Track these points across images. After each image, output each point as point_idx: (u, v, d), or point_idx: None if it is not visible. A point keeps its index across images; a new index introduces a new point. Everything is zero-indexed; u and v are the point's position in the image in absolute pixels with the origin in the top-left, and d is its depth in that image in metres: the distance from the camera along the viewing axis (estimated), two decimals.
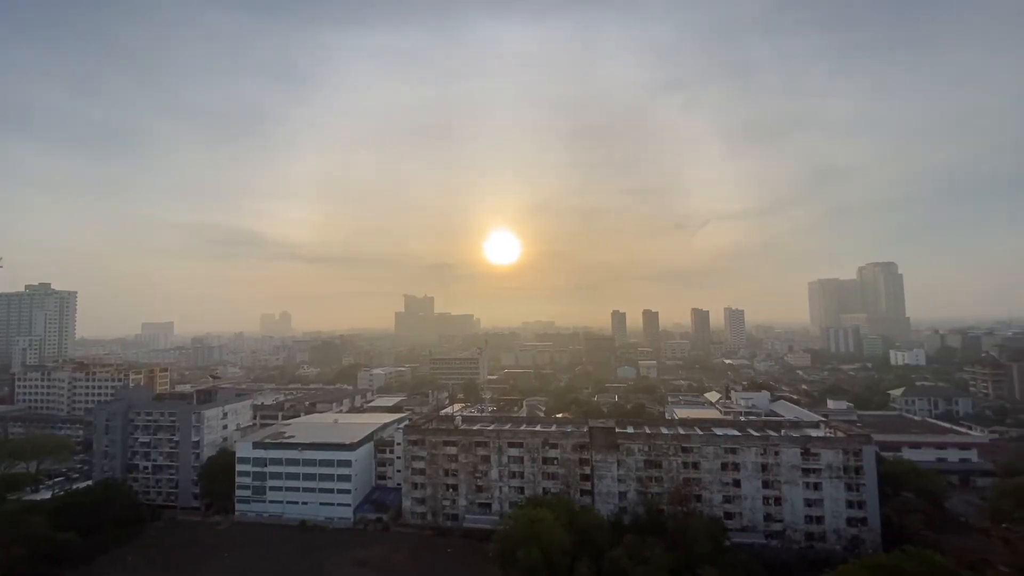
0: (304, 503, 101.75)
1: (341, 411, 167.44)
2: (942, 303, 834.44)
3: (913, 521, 78.73)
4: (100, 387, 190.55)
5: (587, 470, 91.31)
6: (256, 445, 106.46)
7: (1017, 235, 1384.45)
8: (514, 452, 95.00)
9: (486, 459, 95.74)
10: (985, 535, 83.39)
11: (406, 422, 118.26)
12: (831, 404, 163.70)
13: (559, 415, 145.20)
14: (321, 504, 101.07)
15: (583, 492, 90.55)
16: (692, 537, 71.26)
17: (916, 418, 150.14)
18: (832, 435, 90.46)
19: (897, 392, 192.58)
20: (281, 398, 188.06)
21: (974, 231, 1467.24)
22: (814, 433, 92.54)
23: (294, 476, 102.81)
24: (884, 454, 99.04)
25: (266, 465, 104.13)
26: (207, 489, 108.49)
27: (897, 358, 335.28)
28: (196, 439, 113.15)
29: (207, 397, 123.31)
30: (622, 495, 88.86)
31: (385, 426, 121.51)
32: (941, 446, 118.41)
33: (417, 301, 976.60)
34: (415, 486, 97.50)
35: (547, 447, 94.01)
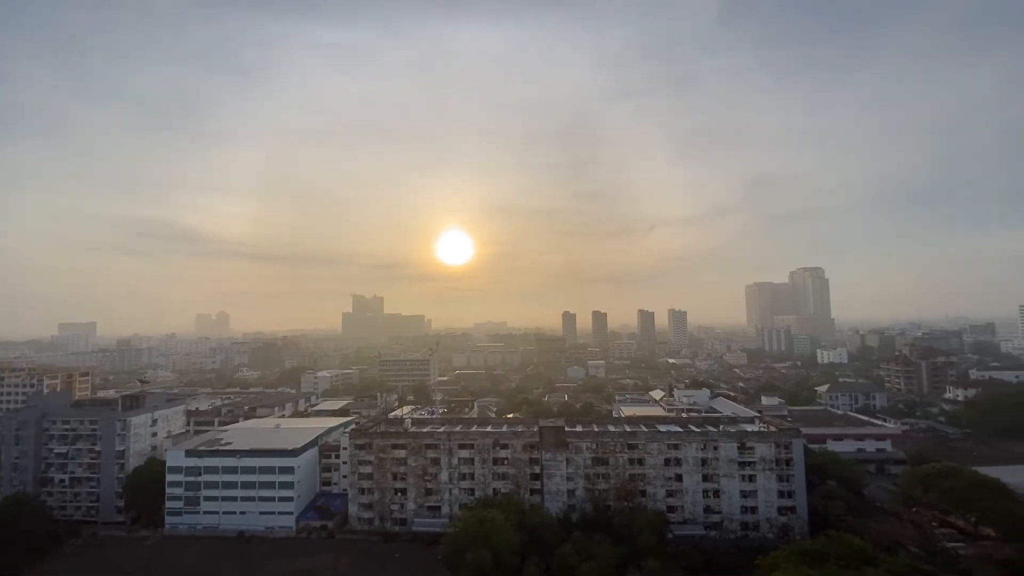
0: (242, 513, 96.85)
1: (283, 416, 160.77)
2: (863, 305, 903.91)
3: (836, 508, 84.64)
4: (9, 393, 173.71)
5: (537, 469, 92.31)
6: (189, 453, 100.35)
7: (929, 243, 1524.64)
8: (464, 454, 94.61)
9: (436, 461, 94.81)
10: (898, 519, 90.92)
11: (353, 426, 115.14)
12: (765, 400, 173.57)
13: (510, 416, 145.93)
14: (261, 513, 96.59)
15: (533, 491, 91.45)
16: (637, 531, 73.58)
17: (839, 412, 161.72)
18: (766, 430, 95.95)
19: (823, 388, 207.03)
20: (218, 403, 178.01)
21: (892, 239, 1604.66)
22: (749, 428, 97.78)
23: (232, 485, 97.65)
24: (811, 446, 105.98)
25: (200, 474, 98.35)
26: (133, 502, 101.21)
27: (823, 356, 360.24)
28: (121, 448, 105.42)
29: (134, 403, 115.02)
30: (571, 493, 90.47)
31: (330, 430, 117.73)
32: (860, 438, 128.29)
33: (365, 301, 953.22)
34: (362, 491, 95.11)
35: (498, 448, 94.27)
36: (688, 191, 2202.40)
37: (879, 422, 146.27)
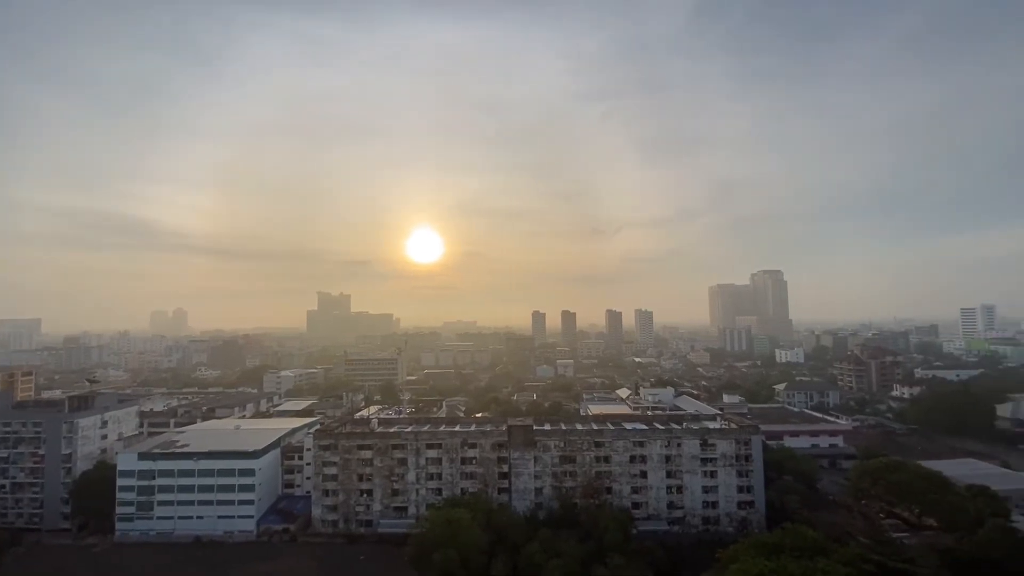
0: (199, 517, 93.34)
1: (244, 416, 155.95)
2: (819, 307, 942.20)
3: (791, 502, 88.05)
4: None
5: (505, 468, 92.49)
6: (143, 456, 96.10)
7: (879, 249, 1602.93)
8: (432, 454, 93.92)
9: (403, 462, 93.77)
10: (848, 511, 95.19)
11: (317, 426, 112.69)
12: (726, 398, 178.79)
13: (479, 415, 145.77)
14: (220, 517, 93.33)
15: (501, 490, 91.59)
16: (603, 528, 74.65)
17: (795, 409, 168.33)
18: (727, 427, 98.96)
19: (780, 387, 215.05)
20: (174, 403, 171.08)
21: (846, 244, 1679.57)
22: (712, 425, 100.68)
23: (188, 489, 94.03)
24: (769, 442, 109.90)
25: (154, 478, 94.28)
26: (80, 508, 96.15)
27: (781, 356, 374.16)
28: (67, 452, 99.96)
29: (82, 404, 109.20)
30: (538, 491, 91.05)
31: (294, 431, 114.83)
32: (815, 434, 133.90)
33: (332, 299, 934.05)
34: (326, 493, 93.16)
35: (466, 447, 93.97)
36: (656, 194, 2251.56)
37: (832, 419, 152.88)
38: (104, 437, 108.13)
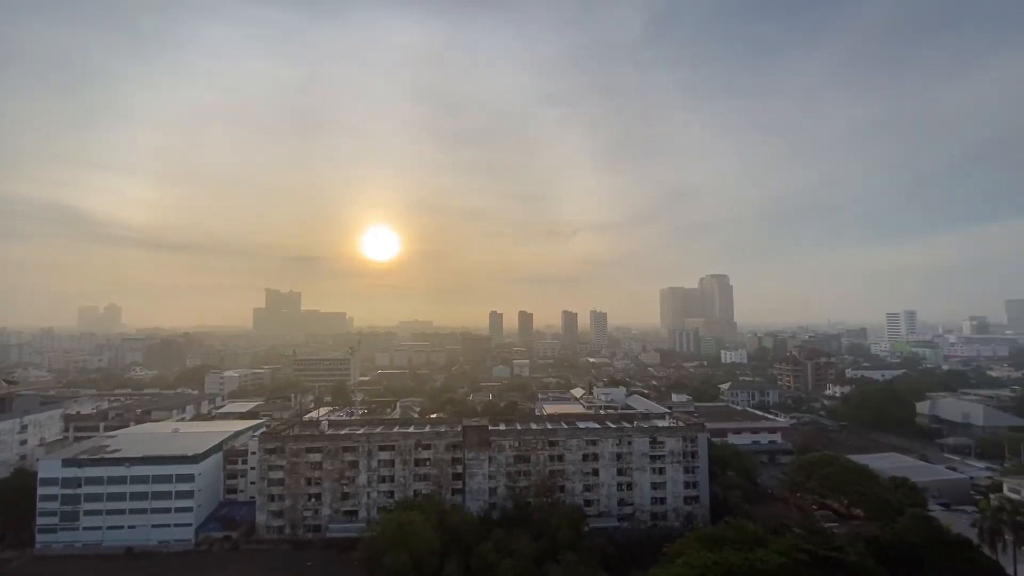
0: (131, 527, 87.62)
1: (183, 419, 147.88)
2: (762, 310, 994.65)
3: (734, 496, 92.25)
4: None
5: (459, 469, 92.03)
6: (67, 462, 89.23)
7: (817, 255, 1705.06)
8: (385, 456, 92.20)
9: (354, 464, 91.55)
10: (785, 503, 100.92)
11: (263, 429, 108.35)
12: (675, 397, 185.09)
13: (434, 416, 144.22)
14: (154, 526, 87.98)
15: (455, 491, 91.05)
16: (555, 526, 75.59)
17: (738, 408, 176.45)
18: (675, 425, 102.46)
19: (725, 386, 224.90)
20: (104, 406, 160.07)
21: (788, 251, 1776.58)
22: (661, 424, 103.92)
23: (119, 496, 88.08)
24: (714, 439, 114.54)
25: (80, 486, 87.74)
26: None
27: (726, 357, 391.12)
28: None
29: None
30: (492, 491, 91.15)
31: (237, 434, 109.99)
32: (756, 431, 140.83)
33: (281, 296, 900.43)
34: (271, 498, 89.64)
35: (420, 448, 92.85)
36: (611, 198, 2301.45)
37: (772, 417, 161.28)
38: (24, 442, 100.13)
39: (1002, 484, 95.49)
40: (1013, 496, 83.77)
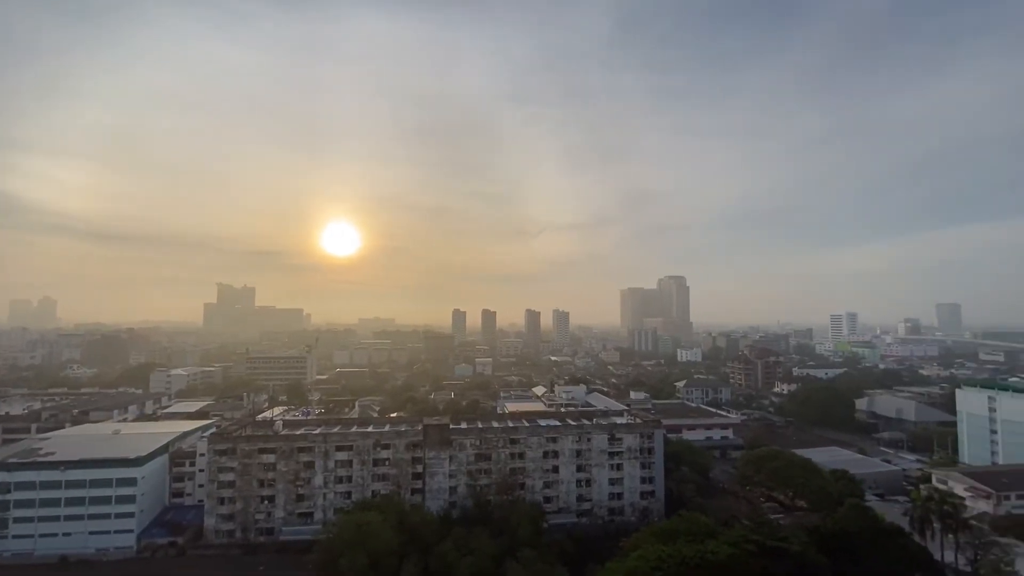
0: (66, 534, 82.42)
1: (125, 420, 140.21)
2: (717, 310, 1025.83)
3: (687, 490, 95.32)
4: None
5: (420, 468, 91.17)
6: None
7: (767, 258, 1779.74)
8: (342, 456, 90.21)
9: (310, 465, 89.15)
10: (735, 497, 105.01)
11: (213, 429, 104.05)
12: (633, 395, 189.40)
13: (394, 415, 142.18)
14: (91, 533, 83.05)
15: (414, 491, 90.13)
16: (515, 523, 76.01)
17: (693, 405, 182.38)
18: (633, 422, 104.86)
19: (681, 384, 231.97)
20: (37, 406, 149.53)
21: (740, 254, 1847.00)
22: (619, 421, 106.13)
23: (52, 502, 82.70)
24: (669, 436, 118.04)
25: (9, 491, 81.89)
26: None
27: (682, 356, 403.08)
28: None
29: None
30: (452, 490, 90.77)
31: (184, 435, 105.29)
32: (709, 427, 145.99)
33: (234, 292, 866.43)
34: (221, 501, 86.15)
35: (379, 448, 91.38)
36: (575, 199, 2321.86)
37: (724, 413, 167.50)
38: None
39: (931, 475, 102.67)
40: (940, 487, 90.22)
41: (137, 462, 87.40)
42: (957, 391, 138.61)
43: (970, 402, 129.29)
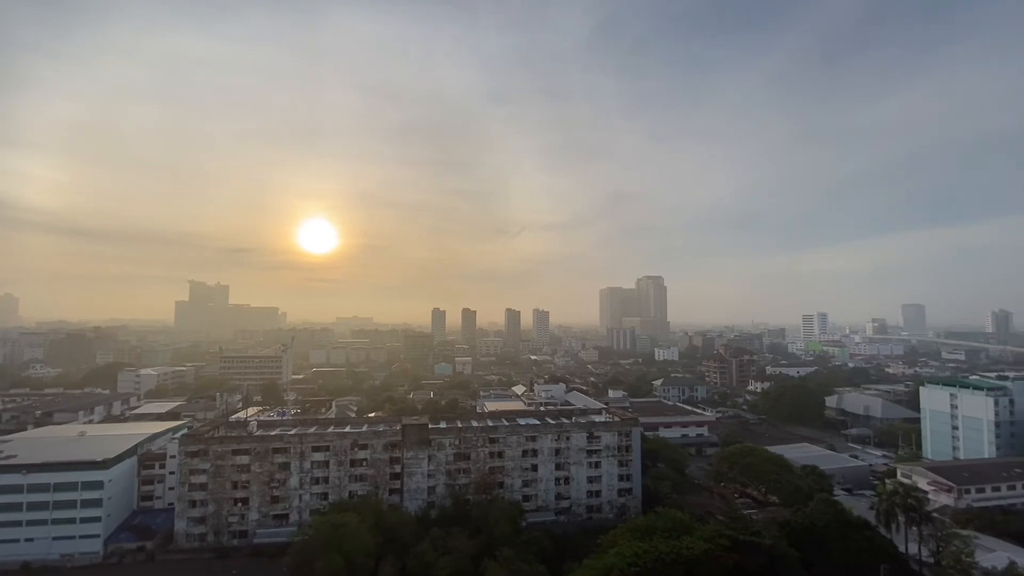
0: (29, 540, 79.29)
1: (91, 421, 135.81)
2: (693, 310, 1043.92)
3: (664, 487, 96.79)
4: None
5: (397, 469, 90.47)
6: None
7: (741, 259, 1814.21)
8: (319, 457, 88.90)
9: (285, 466, 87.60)
10: (710, 493, 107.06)
11: (184, 431, 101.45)
12: (611, 393, 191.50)
13: (372, 415, 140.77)
14: (56, 539, 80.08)
15: (392, 491, 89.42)
16: (494, 522, 76.05)
17: (670, 403, 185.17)
18: (611, 420, 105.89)
19: (658, 382, 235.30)
20: None
21: (715, 254, 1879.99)
22: (597, 419, 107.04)
23: (14, 507, 79.54)
24: (647, 433, 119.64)
25: None
26: None
27: (660, 354, 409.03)
28: None
29: None
30: (431, 490, 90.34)
31: (154, 437, 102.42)
32: (685, 425, 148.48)
33: (206, 289, 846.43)
34: (193, 504, 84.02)
35: (356, 449, 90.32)
36: (554, 199, 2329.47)
37: (700, 411, 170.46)
38: None
39: (896, 470, 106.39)
40: (905, 481, 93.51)
41: (104, 465, 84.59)
42: (921, 389, 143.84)
43: (933, 399, 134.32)
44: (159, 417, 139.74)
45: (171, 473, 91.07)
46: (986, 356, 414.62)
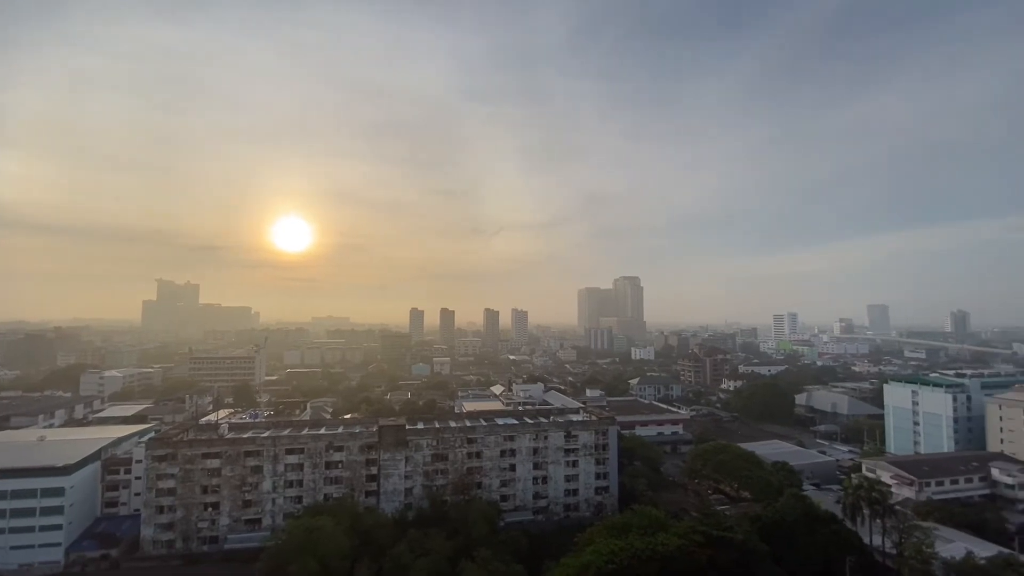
0: None
1: (52, 426, 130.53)
2: (669, 310, 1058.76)
3: (640, 485, 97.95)
4: None
5: (374, 470, 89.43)
6: None
7: (716, 261, 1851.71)
8: (293, 459, 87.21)
9: (258, 470, 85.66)
10: (684, 490, 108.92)
11: (152, 434, 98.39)
12: (589, 392, 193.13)
13: (348, 416, 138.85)
14: (13, 548, 76.72)
15: (368, 493, 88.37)
16: (471, 522, 75.85)
17: (646, 401, 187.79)
18: (588, 419, 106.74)
19: (634, 381, 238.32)
20: None
21: (691, 255, 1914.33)
22: (575, 418, 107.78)
23: None
24: (623, 432, 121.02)
25: None
26: None
27: (636, 354, 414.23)
28: None
29: None
30: (408, 491, 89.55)
31: (119, 441, 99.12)
32: (660, 423, 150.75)
33: (175, 288, 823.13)
34: (160, 509, 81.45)
35: (332, 451, 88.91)
36: (532, 199, 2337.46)
37: (675, 409, 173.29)
38: None
39: (861, 465, 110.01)
40: (870, 475, 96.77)
41: (65, 471, 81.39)
42: (885, 386, 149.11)
43: (895, 396, 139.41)
44: (125, 420, 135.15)
45: (137, 478, 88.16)
46: (945, 355, 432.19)
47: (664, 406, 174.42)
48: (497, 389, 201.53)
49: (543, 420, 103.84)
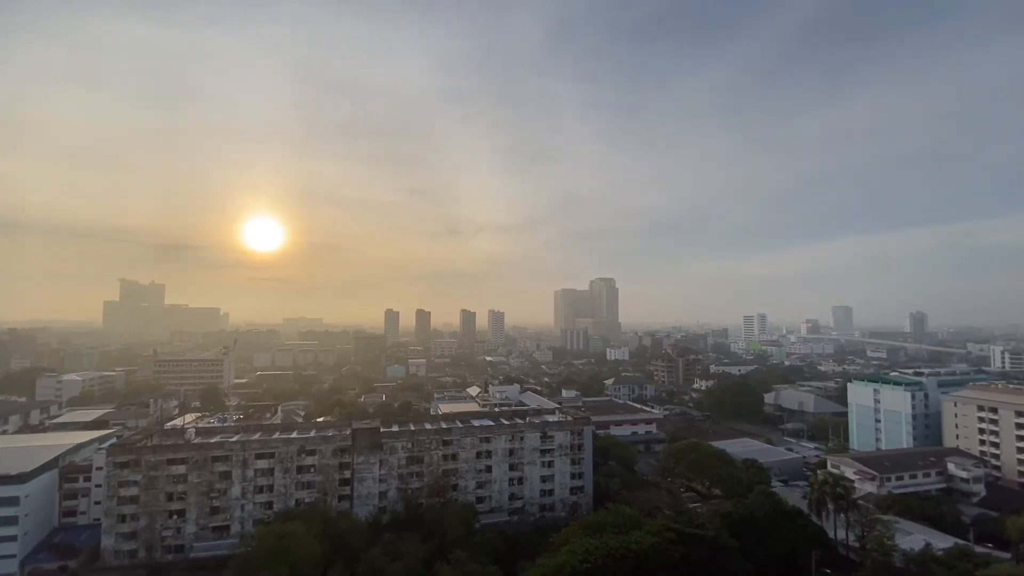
0: None
1: (6, 432, 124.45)
2: (643, 311, 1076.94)
3: (614, 484, 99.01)
4: None
5: (347, 474, 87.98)
6: None
7: (688, 263, 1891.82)
8: (263, 464, 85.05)
9: (226, 475, 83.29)
10: (658, 488, 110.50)
11: (113, 440, 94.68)
12: (565, 393, 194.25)
13: (321, 419, 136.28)
14: None
15: (342, 497, 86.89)
16: (447, 525, 75.41)
17: (620, 401, 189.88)
18: (564, 419, 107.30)
19: (609, 381, 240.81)
20: None
21: (664, 257, 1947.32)
22: (551, 419, 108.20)
23: None
24: (598, 431, 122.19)
25: None
26: None
27: (611, 354, 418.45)
28: None
29: None
30: (382, 495, 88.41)
31: (78, 448, 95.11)
32: (634, 423, 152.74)
33: (139, 288, 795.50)
34: (122, 518, 78.40)
35: (303, 455, 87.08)
36: (509, 200, 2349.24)
37: (648, 409, 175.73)
38: None
39: (826, 461, 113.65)
40: (834, 471, 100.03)
41: (20, 479, 77.67)
42: (848, 385, 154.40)
43: (858, 394, 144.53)
44: (84, 426, 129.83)
45: (97, 486, 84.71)
46: (904, 354, 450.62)
47: (638, 406, 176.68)
48: (473, 391, 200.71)
49: (519, 421, 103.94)
